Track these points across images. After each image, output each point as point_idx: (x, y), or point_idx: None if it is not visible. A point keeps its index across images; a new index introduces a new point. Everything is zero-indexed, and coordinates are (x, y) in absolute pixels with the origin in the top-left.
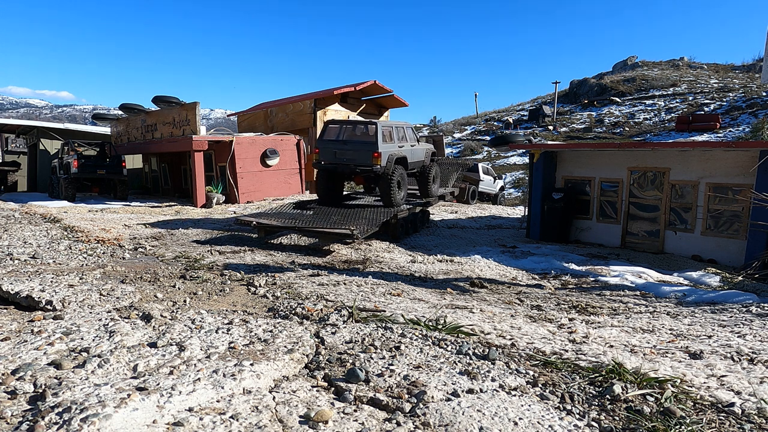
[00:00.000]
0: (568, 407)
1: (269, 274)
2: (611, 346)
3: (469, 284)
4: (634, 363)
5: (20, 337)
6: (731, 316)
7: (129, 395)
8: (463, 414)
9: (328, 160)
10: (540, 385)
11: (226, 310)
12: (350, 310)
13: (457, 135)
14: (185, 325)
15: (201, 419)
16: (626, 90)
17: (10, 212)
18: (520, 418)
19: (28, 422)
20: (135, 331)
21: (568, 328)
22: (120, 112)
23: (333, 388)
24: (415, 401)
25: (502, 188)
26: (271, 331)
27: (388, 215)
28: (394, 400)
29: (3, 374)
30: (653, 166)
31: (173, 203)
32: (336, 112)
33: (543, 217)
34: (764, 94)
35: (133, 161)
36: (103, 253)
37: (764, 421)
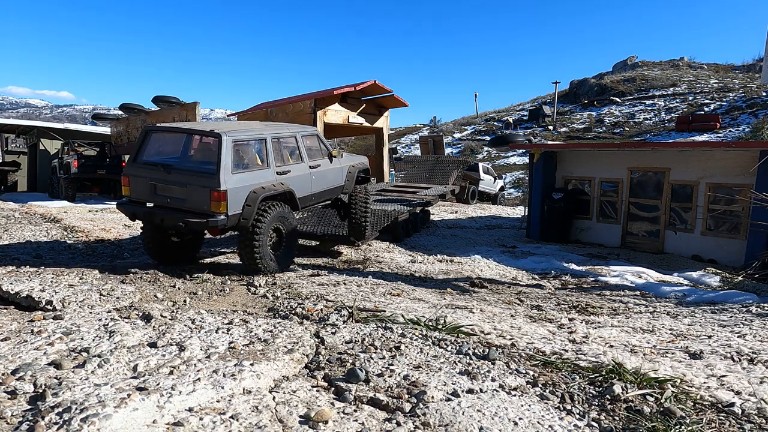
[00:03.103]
0: (568, 407)
1: (269, 273)
2: (611, 346)
3: (469, 284)
4: (634, 363)
5: (20, 337)
6: (731, 316)
7: (129, 395)
8: (463, 414)
9: (141, 197)
10: (540, 385)
11: (226, 310)
12: (350, 310)
13: (457, 135)
14: (185, 325)
15: (201, 419)
16: (626, 90)
17: (10, 212)
18: (520, 418)
19: (28, 422)
20: (135, 331)
21: (568, 328)
22: (120, 112)
23: (333, 388)
24: (415, 401)
25: (502, 188)
26: (271, 331)
27: (388, 219)
28: (394, 400)
29: (3, 374)
30: (653, 166)
31: None
32: (336, 112)
33: (543, 217)
34: (764, 94)
35: None
36: (103, 252)
37: (764, 421)
